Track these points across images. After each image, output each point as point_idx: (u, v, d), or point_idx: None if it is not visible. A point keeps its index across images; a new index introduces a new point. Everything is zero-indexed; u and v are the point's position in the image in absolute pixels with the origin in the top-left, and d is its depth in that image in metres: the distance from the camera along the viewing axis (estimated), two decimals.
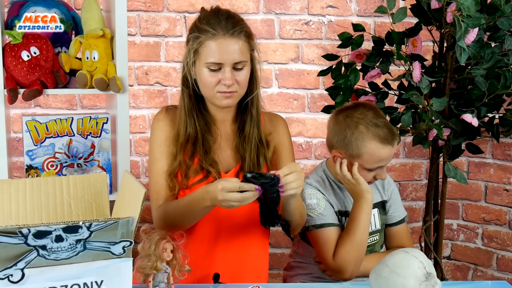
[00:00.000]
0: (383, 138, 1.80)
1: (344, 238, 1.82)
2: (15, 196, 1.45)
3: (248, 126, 1.74)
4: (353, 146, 1.81)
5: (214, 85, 1.64)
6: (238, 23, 1.65)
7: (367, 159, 1.81)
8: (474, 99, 2.20)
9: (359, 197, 1.83)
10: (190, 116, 1.72)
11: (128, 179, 1.42)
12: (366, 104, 1.91)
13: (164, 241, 1.34)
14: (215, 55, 1.62)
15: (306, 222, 1.84)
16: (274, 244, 2.98)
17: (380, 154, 1.81)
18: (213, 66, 1.63)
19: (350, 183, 1.83)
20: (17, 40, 1.99)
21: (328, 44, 2.88)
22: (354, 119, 1.82)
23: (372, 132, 1.80)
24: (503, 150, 2.89)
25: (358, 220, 1.81)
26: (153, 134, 1.76)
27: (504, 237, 2.93)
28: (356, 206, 1.83)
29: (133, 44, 2.81)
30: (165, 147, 1.73)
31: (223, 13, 1.66)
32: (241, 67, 1.64)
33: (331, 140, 1.88)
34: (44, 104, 2.82)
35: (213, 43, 1.62)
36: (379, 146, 1.80)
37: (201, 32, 1.63)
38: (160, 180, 1.72)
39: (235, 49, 1.62)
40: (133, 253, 1.24)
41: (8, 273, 1.13)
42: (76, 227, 1.14)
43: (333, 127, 1.88)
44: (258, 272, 1.83)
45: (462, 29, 1.96)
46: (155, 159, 1.74)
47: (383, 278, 1.44)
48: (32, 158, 2.08)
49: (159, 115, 1.78)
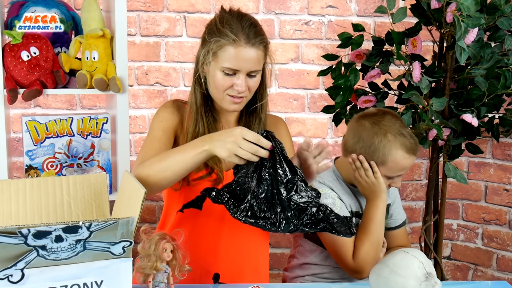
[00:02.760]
0: (409, 148, 1.81)
1: (362, 238, 1.82)
2: (15, 196, 1.45)
3: (256, 130, 1.74)
4: (379, 154, 1.81)
5: (226, 88, 1.65)
6: (260, 32, 1.66)
7: (391, 167, 1.82)
8: (474, 99, 2.20)
9: (376, 196, 1.83)
10: (200, 114, 1.72)
11: (128, 179, 1.42)
12: (391, 112, 1.91)
13: (164, 241, 1.34)
14: (233, 62, 1.62)
15: None
16: (274, 244, 2.98)
17: (405, 163, 1.82)
18: (228, 71, 1.63)
19: (370, 182, 1.82)
20: (17, 40, 1.99)
21: (328, 44, 2.88)
22: (382, 127, 1.82)
23: (400, 141, 1.81)
24: (503, 150, 2.89)
25: (375, 220, 1.82)
26: (157, 115, 1.75)
27: (504, 237, 2.93)
28: (373, 206, 1.83)
29: (133, 44, 2.81)
30: (165, 124, 1.72)
31: (246, 19, 1.66)
32: (254, 74, 1.66)
33: (353, 145, 1.86)
34: (44, 104, 2.82)
35: (233, 49, 1.62)
36: (405, 155, 1.81)
37: (223, 36, 1.62)
38: (150, 144, 1.68)
39: (253, 59, 1.63)
40: (133, 253, 1.24)
41: (8, 273, 1.13)
42: (76, 227, 1.14)
43: (357, 132, 1.86)
44: (258, 272, 1.83)
45: (462, 29, 1.96)
46: (153, 129, 1.72)
47: (383, 278, 1.44)
48: (32, 158, 2.08)
49: (167, 104, 1.79)
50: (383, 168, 1.82)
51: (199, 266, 1.69)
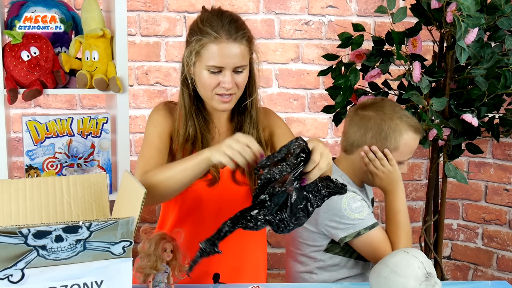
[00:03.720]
0: (416, 128, 1.81)
1: (395, 231, 1.78)
2: (15, 196, 1.45)
3: (248, 127, 1.74)
4: (391, 139, 1.79)
5: (213, 87, 1.64)
6: (241, 27, 1.65)
7: (403, 150, 1.81)
8: (474, 99, 2.20)
9: (396, 185, 1.80)
10: (190, 115, 1.71)
11: (128, 179, 1.42)
12: (387, 99, 1.90)
13: (164, 241, 1.34)
14: (217, 59, 1.62)
15: (353, 227, 1.76)
16: (274, 244, 2.98)
17: (414, 144, 1.82)
18: (213, 69, 1.63)
19: (387, 171, 1.80)
20: (17, 40, 1.99)
21: (328, 44, 2.88)
22: (387, 112, 1.81)
23: (406, 123, 1.80)
24: (503, 150, 2.89)
25: (401, 209, 1.80)
26: (150, 119, 1.75)
27: (504, 237, 2.93)
28: (394, 196, 1.81)
29: (133, 44, 2.81)
30: (160, 130, 1.72)
31: (226, 15, 1.65)
32: (241, 70, 1.65)
33: (360, 138, 1.82)
34: (44, 104, 2.82)
35: (215, 46, 1.61)
36: (414, 136, 1.81)
37: (204, 35, 1.62)
38: (149, 152, 1.68)
39: (237, 54, 1.62)
40: (133, 253, 1.24)
41: (8, 273, 1.13)
42: (76, 227, 1.14)
43: (361, 124, 1.83)
44: (258, 271, 1.83)
45: (462, 29, 1.96)
46: (149, 135, 1.71)
47: (383, 278, 1.44)
48: (32, 158, 2.08)
49: (158, 106, 1.78)
50: (396, 154, 1.80)
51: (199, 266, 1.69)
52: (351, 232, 1.76)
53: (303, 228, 1.85)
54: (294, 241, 1.92)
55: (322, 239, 1.85)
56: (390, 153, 1.79)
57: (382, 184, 1.83)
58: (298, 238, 1.89)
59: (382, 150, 1.80)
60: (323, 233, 1.83)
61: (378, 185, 1.84)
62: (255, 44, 1.70)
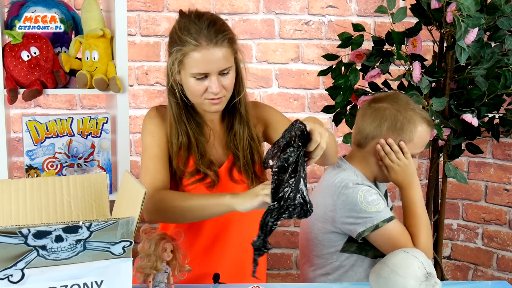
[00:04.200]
0: (429, 120, 1.81)
1: (416, 224, 1.76)
2: (15, 196, 1.45)
3: (238, 125, 1.73)
4: (407, 130, 1.78)
5: (202, 93, 1.63)
6: (221, 29, 1.61)
7: (417, 143, 1.79)
8: (474, 99, 2.20)
9: (411, 179, 1.79)
10: (181, 123, 1.70)
11: (128, 179, 1.42)
12: (399, 92, 1.89)
13: (164, 241, 1.34)
14: (201, 66, 1.59)
15: (371, 221, 1.72)
16: (274, 244, 2.98)
17: (427, 137, 1.81)
18: (198, 76, 1.61)
19: (403, 164, 1.78)
20: (17, 40, 1.99)
21: (328, 44, 2.88)
22: (401, 104, 1.80)
23: (420, 115, 1.79)
24: (503, 150, 2.89)
25: (418, 202, 1.79)
26: (146, 129, 1.74)
27: (504, 237, 2.93)
28: (411, 189, 1.79)
29: (133, 44, 2.81)
30: (158, 139, 1.72)
31: (204, 19, 1.62)
32: (226, 72, 1.62)
33: (375, 129, 1.80)
34: (44, 104, 2.82)
35: (197, 54, 1.58)
36: (427, 129, 1.80)
37: (184, 44, 1.59)
38: (154, 165, 1.68)
39: (220, 58, 1.59)
40: (133, 253, 1.24)
41: (8, 273, 1.13)
42: (76, 227, 1.14)
43: (376, 115, 1.80)
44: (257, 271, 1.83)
45: (462, 29, 1.96)
46: (148, 146, 1.71)
47: (383, 278, 1.44)
48: (32, 158, 2.08)
49: (150, 114, 1.76)
50: (410, 146, 1.79)
51: (199, 266, 1.69)
52: (369, 226, 1.72)
53: (320, 229, 1.83)
54: (309, 243, 1.88)
55: (339, 238, 1.81)
56: (406, 147, 1.78)
57: (398, 179, 1.80)
58: (314, 239, 1.86)
59: (398, 143, 1.79)
60: (340, 231, 1.80)
61: (393, 180, 1.82)
62: (238, 43, 1.67)
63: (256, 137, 1.75)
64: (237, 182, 1.71)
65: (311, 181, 2.94)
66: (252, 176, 1.72)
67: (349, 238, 1.81)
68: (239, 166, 1.72)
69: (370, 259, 1.83)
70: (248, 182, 1.71)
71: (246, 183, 1.71)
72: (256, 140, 1.75)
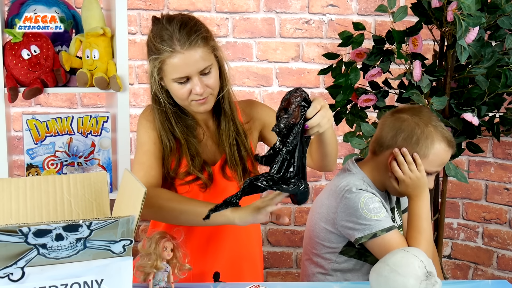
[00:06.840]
0: (450, 140, 1.77)
1: (417, 237, 1.73)
2: (15, 195, 1.45)
3: (223, 122, 1.73)
4: (422, 145, 1.75)
5: (187, 96, 1.63)
6: (192, 30, 1.60)
7: (432, 160, 1.76)
8: (475, 98, 2.20)
9: (421, 191, 1.76)
10: (167, 129, 1.70)
11: (128, 178, 1.42)
12: (424, 107, 1.86)
13: (165, 239, 1.34)
14: (179, 70, 1.59)
15: (370, 228, 1.72)
16: (274, 243, 2.98)
17: (444, 157, 1.78)
18: (180, 80, 1.61)
19: (415, 177, 1.75)
20: (18, 38, 1.99)
21: (328, 43, 2.88)
22: (422, 118, 1.77)
23: (440, 133, 1.76)
24: (503, 149, 2.89)
25: (424, 216, 1.75)
26: (141, 125, 1.74)
27: (505, 236, 2.93)
28: (419, 201, 1.76)
29: (134, 42, 2.81)
30: (153, 136, 1.72)
31: (175, 23, 1.60)
32: (207, 71, 1.62)
33: (391, 139, 1.78)
34: (45, 103, 2.82)
35: (173, 59, 1.58)
36: (446, 148, 1.77)
37: (159, 52, 1.59)
38: (149, 161, 1.69)
39: (197, 59, 1.59)
40: (133, 251, 1.24)
41: (8, 272, 1.13)
42: (76, 226, 1.14)
43: (394, 125, 1.79)
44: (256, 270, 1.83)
45: (462, 28, 1.96)
46: (143, 143, 1.71)
47: (383, 277, 1.44)
48: (32, 157, 2.08)
49: (146, 112, 1.77)
50: (424, 162, 1.76)
51: (199, 265, 1.69)
52: (367, 233, 1.72)
53: (321, 228, 1.84)
54: (311, 241, 1.89)
55: (338, 240, 1.82)
56: (419, 159, 1.75)
57: (408, 190, 1.78)
58: (315, 237, 1.86)
59: (412, 154, 1.76)
60: (339, 234, 1.80)
61: (403, 191, 1.79)
62: (214, 40, 1.66)
63: (242, 132, 1.74)
64: (230, 179, 1.72)
65: (311, 180, 2.94)
66: (241, 172, 1.72)
67: (349, 242, 1.81)
68: (229, 164, 1.73)
69: (369, 265, 1.82)
70: (237, 178, 1.71)
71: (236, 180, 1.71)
72: (242, 134, 1.74)
